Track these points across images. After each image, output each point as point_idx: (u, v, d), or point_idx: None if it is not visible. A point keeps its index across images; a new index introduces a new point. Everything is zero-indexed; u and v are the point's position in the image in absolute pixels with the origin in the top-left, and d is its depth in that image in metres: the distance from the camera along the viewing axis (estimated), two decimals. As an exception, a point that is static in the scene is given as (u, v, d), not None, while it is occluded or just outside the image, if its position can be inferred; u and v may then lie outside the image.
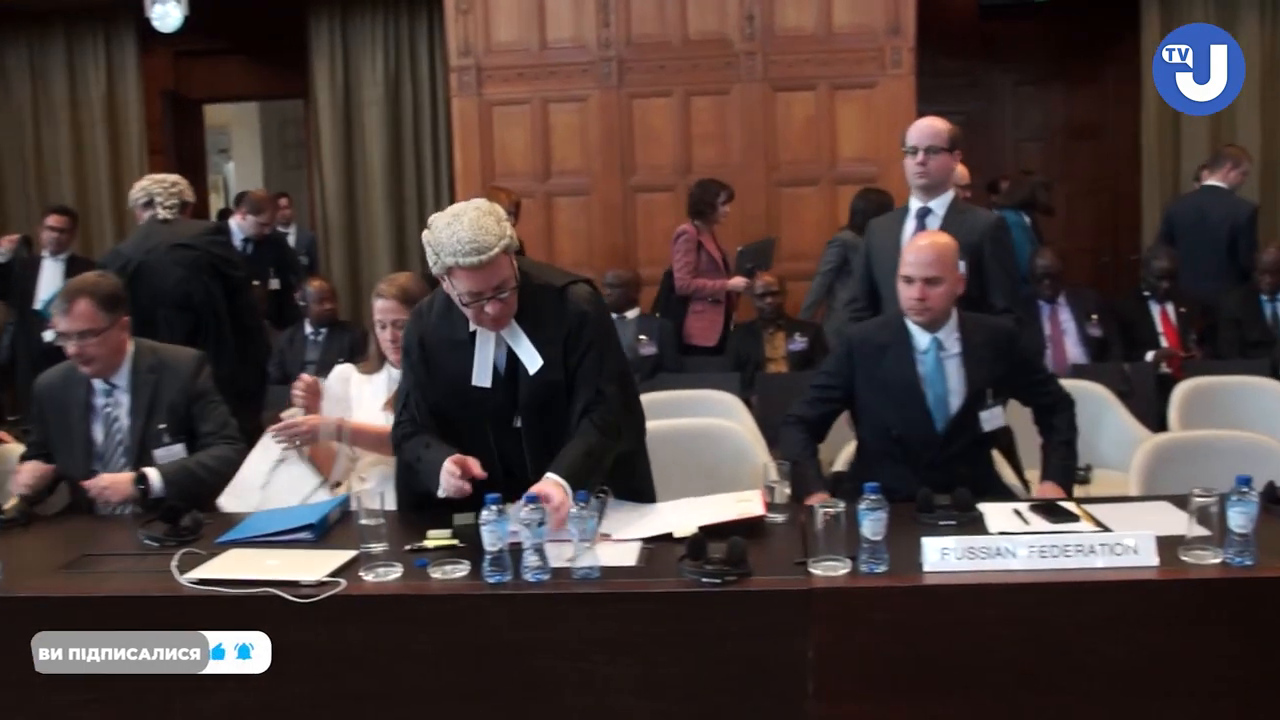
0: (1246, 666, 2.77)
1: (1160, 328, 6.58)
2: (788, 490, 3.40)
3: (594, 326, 3.35)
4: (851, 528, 2.87)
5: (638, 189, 8.10)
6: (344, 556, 3.03)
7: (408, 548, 3.10)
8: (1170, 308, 6.60)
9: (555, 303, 3.32)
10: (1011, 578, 2.81)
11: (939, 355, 3.72)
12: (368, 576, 2.92)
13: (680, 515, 3.26)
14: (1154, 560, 2.82)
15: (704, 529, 3.05)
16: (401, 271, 4.06)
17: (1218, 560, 2.83)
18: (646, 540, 3.11)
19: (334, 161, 9.25)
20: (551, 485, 3.09)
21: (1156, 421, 5.35)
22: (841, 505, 2.87)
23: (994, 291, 4.25)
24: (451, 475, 3.16)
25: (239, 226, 7.74)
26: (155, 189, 5.54)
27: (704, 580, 2.81)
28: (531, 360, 3.30)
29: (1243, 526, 2.79)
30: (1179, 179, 8.80)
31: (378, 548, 2.97)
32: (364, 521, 2.99)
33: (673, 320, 7.07)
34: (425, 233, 3.19)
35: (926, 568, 2.84)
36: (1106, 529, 3.07)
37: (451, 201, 8.28)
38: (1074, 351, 6.41)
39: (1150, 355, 6.37)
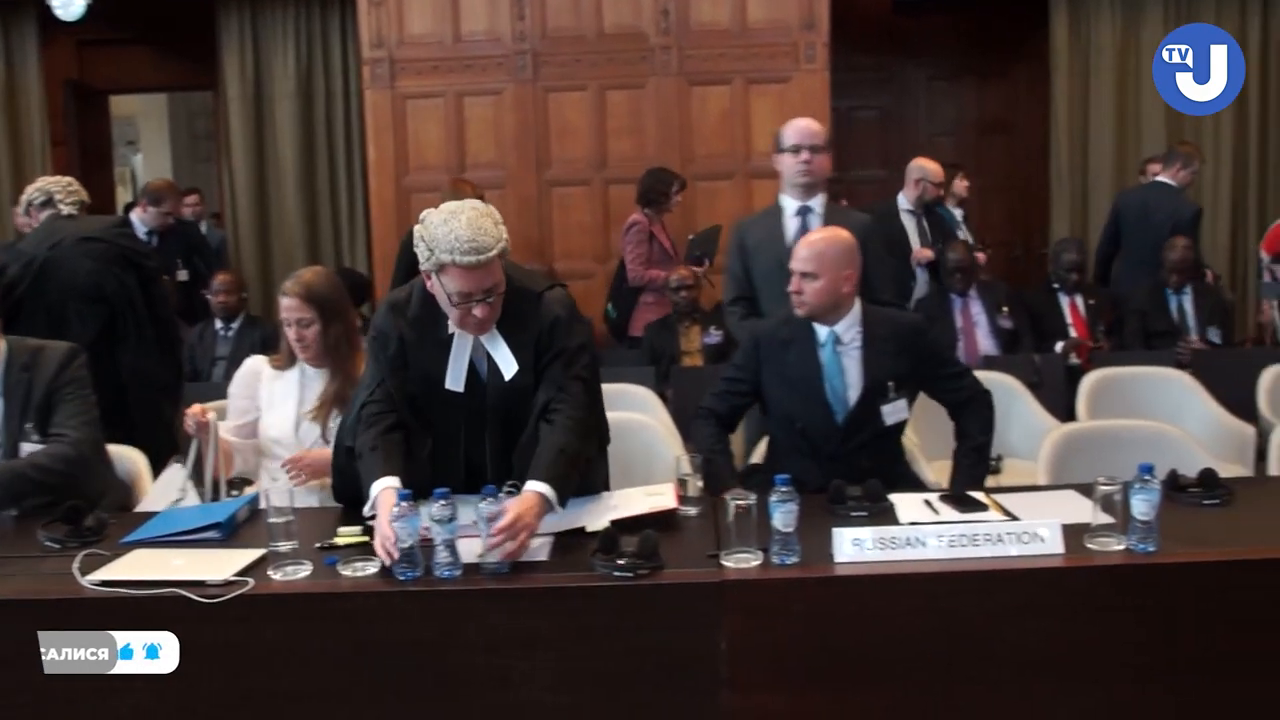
0: (1150, 652, 2.82)
1: (1069, 319, 6.69)
2: (700, 483, 3.39)
3: (565, 330, 3.31)
4: (763, 520, 2.87)
5: (553, 183, 8.06)
6: (252, 555, 2.98)
7: (318, 545, 3.06)
8: (1079, 300, 6.72)
9: (532, 307, 3.29)
10: (921, 567, 2.82)
11: (836, 349, 3.76)
12: (276, 575, 2.88)
13: (593, 510, 3.25)
14: (1060, 548, 2.86)
15: (616, 523, 3.05)
16: (313, 266, 3.97)
17: (1121, 547, 2.87)
18: (559, 535, 3.10)
19: (245, 154, 9.08)
20: (525, 504, 2.99)
21: (1066, 412, 5.43)
22: (753, 497, 2.88)
23: (878, 287, 4.28)
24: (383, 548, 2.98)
25: (140, 219, 7.56)
26: (53, 187, 5.38)
27: (616, 574, 2.80)
28: (508, 365, 3.27)
29: (1145, 514, 2.84)
30: (1086, 175, 8.96)
31: (286, 546, 2.93)
32: (272, 519, 2.94)
33: (625, 312, 7.07)
34: (418, 227, 3.13)
35: (838, 559, 2.86)
36: (1015, 518, 3.10)
37: (365, 195, 8.28)
38: (985, 343, 6.49)
39: (1059, 346, 6.46)
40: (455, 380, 3.30)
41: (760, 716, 2.80)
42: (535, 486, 3.05)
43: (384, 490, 3.07)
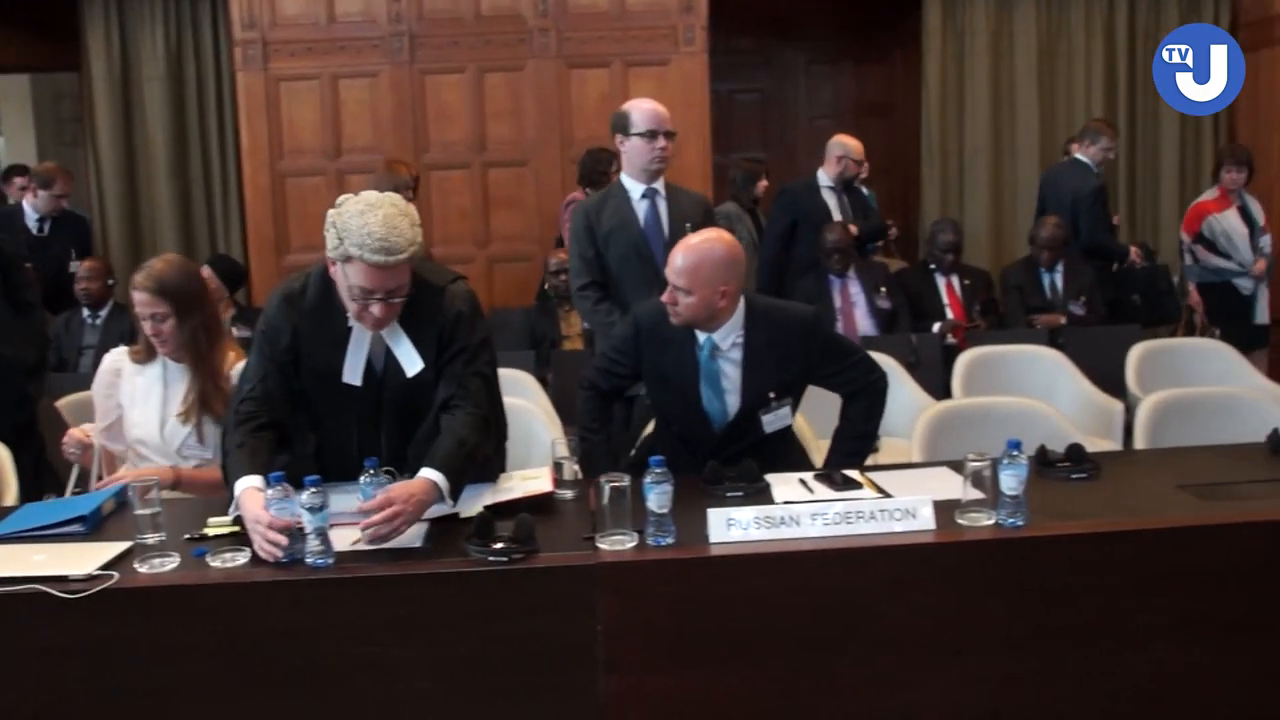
0: (1021, 623, 2.86)
1: (945, 299, 6.78)
2: (577, 467, 3.37)
3: (467, 326, 3.25)
4: (639, 502, 2.86)
5: (431, 166, 8.00)
6: (117, 548, 2.91)
7: (186, 537, 3.00)
8: (955, 280, 6.81)
9: (434, 302, 3.23)
10: (796, 546, 2.84)
11: (714, 355, 3.60)
12: (142, 568, 2.81)
13: (468, 496, 3.20)
14: (931, 524, 2.90)
15: (492, 508, 3.02)
16: (165, 255, 3.79)
17: (991, 522, 2.91)
18: (434, 521, 3.05)
19: (112, 138, 8.77)
20: (413, 486, 2.95)
21: (944, 390, 5.51)
22: (627, 479, 2.86)
23: None
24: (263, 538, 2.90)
25: (31, 205, 7.30)
26: None
27: (491, 559, 2.77)
28: (411, 362, 3.21)
29: (1014, 489, 2.89)
30: (962, 158, 9.08)
31: (153, 538, 2.85)
32: (139, 511, 2.86)
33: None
34: (332, 211, 3.06)
35: (713, 539, 2.86)
36: (889, 495, 3.14)
37: (239, 179, 8.11)
38: (864, 323, 6.55)
39: (937, 327, 6.55)
40: (353, 374, 3.24)
41: (638, 698, 2.80)
42: (429, 474, 3.01)
43: (246, 490, 3.00)
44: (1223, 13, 9.09)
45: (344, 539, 2.89)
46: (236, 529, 3.02)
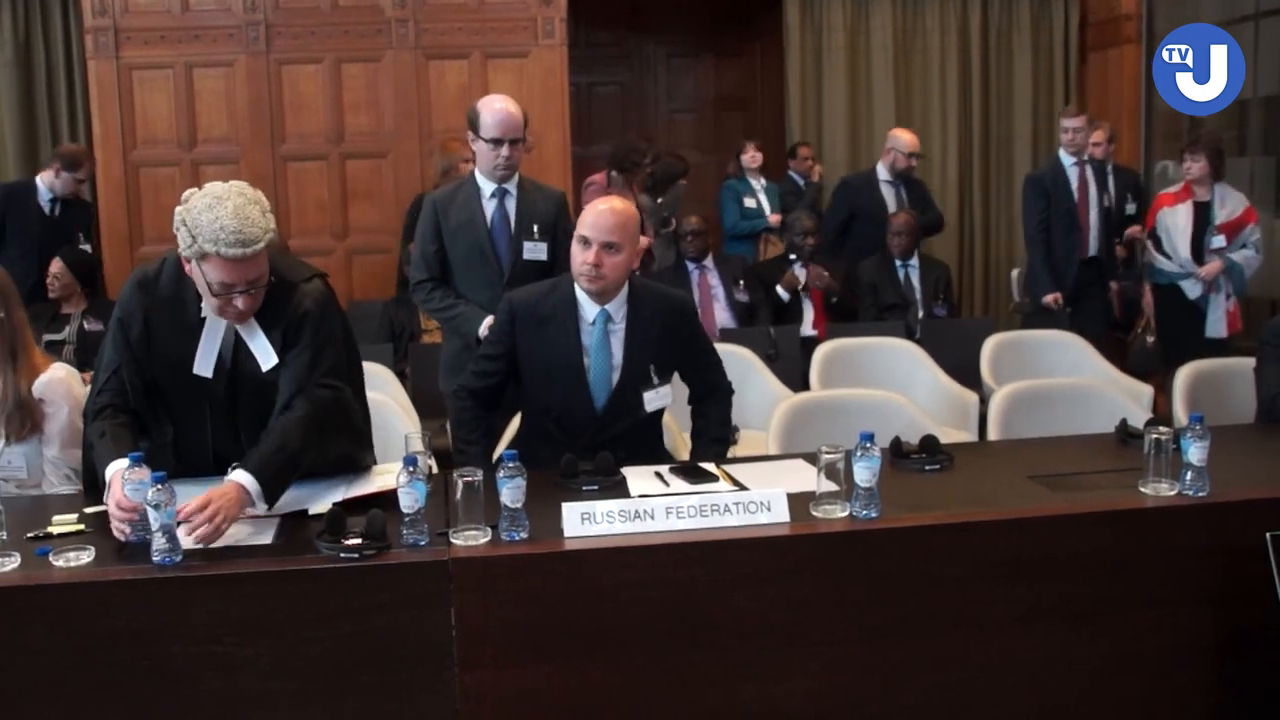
0: (875, 613, 2.90)
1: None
2: (432, 461, 3.33)
3: (312, 325, 3.19)
4: (493, 496, 2.84)
5: (288, 158, 7.90)
6: (-47, 549, 2.80)
7: (29, 535, 2.91)
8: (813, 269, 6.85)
9: (287, 298, 3.16)
10: (650, 539, 2.84)
11: (606, 328, 3.58)
12: (-19, 568, 2.72)
13: (319, 492, 3.16)
14: (785, 516, 2.91)
15: (342, 504, 2.97)
16: None
17: (845, 514, 2.94)
18: (283, 518, 3.01)
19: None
20: (226, 488, 2.89)
21: (803, 382, 5.55)
22: (479, 474, 2.84)
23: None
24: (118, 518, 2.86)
25: (48, 185, 6.95)
26: None
27: (342, 555, 2.73)
28: (266, 357, 3.15)
29: (867, 481, 2.91)
30: (820, 150, 9.15)
31: (-8, 537, 2.75)
32: (-24, 511, 2.76)
33: None
34: (180, 209, 2.97)
35: (567, 533, 2.85)
36: (744, 488, 3.16)
37: (92, 169, 7.86)
38: (722, 316, 6.59)
39: (781, 288, 6.68)
40: (204, 365, 3.16)
41: (493, 694, 2.77)
42: (240, 477, 2.94)
43: (116, 473, 2.91)
44: (1072, 13, 9.32)
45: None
46: (81, 528, 2.96)
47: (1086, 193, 6.86)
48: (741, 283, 6.68)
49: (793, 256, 6.92)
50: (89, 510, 3.09)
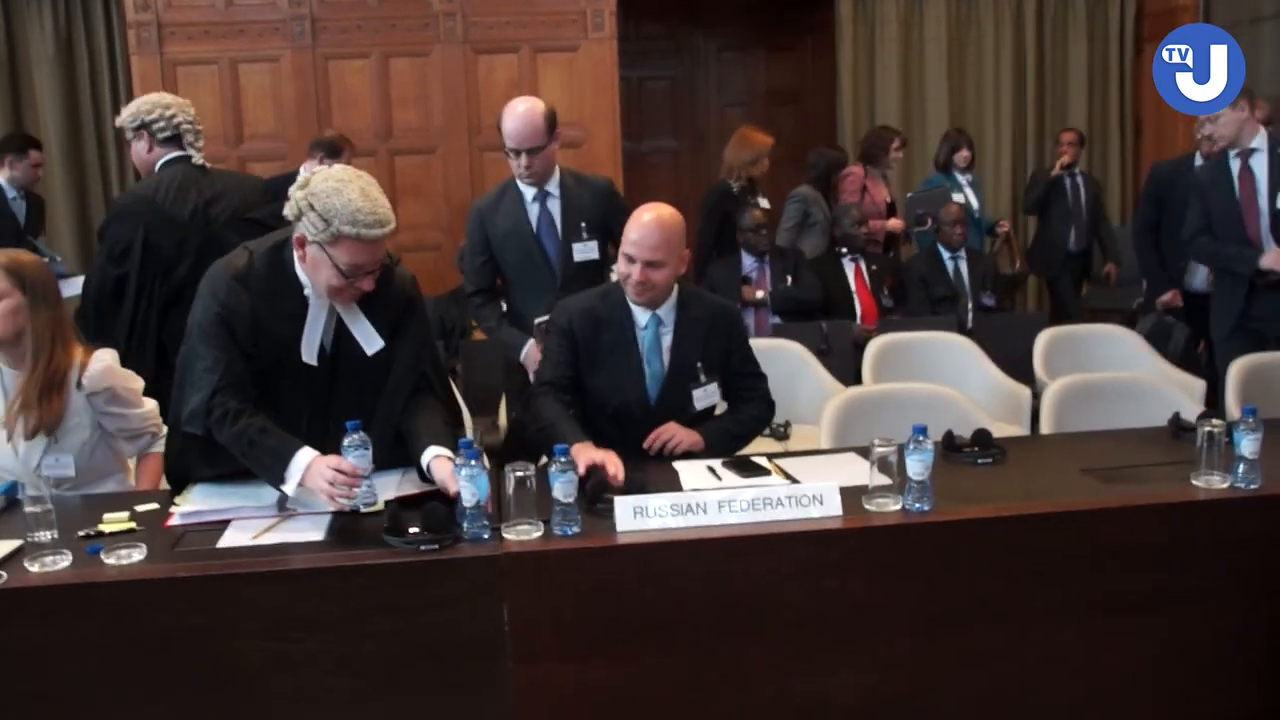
0: (927, 607, 2.87)
1: (853, 285, 6.77)
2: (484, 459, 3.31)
3: (420, 311, 3.30)
4: (544, 491, 2.83)
5: (336, 154, 7.86)
6: (7, 547, 2.82)
7: (80, 534, 2.91)
8: (863, 264, 6.80)
9: (386, 280, 3.17)
10: (703, 533, 2.82)
11: (658, 331, 3.63)
12: (33, 567, 2.71)
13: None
14: (838, 510, 2.89)
15: (396, 501, 2.96)
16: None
17: (897, 507, 2.92)
18: (335, 516, 2.99)
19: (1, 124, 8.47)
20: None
21: (855, 377, 5.51)
22: (532, 468, 2.82)
23: None
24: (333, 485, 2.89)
25: (7, 179, 6.88)
26: (180, 116, 4.56)
27: (423, 548, 2.74)
28: (370, 341, 3.16)
29: (919, 474, 2.89)
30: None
31: (45, 536, 2.75)
32: (30, 509, 2.76)
33: None
34: (299, 193, 2.97)
35: (619, 527, 2.83)
36: (796, 482, 3.12)
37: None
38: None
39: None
40: (310, 352, 3.15)
41: (547, 688, 2.77)
42: (442, 452, 3.06)
43: (312, 460, 2.95)
44: (1128, 3, 9.22)
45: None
46: (133, 525, 2.96)
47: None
48: (789, 277, 6.59)
49: (843, 250, 6.85)
50: (140, 509, 3.09)
